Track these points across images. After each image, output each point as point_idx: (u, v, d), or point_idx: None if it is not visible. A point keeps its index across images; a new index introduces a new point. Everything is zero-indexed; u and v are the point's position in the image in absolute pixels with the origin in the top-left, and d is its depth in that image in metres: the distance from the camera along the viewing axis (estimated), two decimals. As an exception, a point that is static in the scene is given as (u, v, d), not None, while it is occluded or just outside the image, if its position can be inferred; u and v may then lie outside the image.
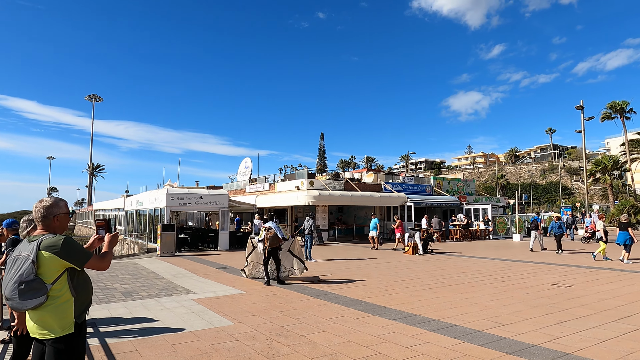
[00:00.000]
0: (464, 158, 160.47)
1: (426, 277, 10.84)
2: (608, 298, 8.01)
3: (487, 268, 12.56)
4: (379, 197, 25.92)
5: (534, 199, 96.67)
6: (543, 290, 8.86)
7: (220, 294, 8.73)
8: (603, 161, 52.30)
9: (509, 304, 7.61)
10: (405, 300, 7.96)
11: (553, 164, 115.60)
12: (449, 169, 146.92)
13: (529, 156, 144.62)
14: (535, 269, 12.17)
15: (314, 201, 23.10)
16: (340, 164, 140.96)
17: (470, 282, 10.10)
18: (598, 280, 10.16)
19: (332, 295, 8.51)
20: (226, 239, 19.72)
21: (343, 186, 26.55)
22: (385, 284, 9.83)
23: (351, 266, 13.31)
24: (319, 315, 6.84)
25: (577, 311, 6.97)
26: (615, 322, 6.28)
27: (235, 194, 31.45)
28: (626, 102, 48.29)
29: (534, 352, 4.92)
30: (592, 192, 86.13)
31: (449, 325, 6.15)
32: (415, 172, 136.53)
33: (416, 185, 30.54)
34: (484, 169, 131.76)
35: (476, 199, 33.11)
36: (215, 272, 12.19)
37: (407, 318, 6.61)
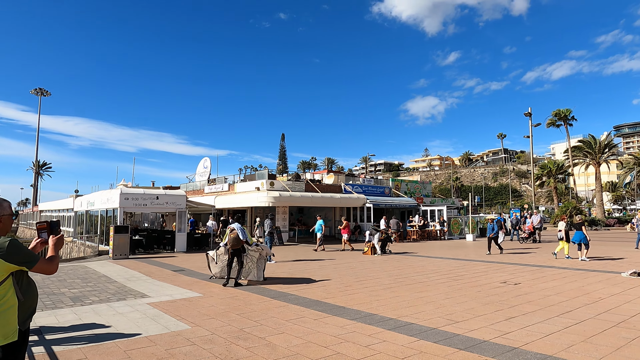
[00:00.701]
0: (422, 161, 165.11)
1: (384, 277, 11.07)
2: (552, 294, 8.51)
3: (442, 267, 12.99)
4: (339, 198, 26.17)
5: (486, 200, 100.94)
6: (494, 288, 9.28)
7: (177, 297, 8.50)
8: (548, 165, 55.48)
9: (462, 301, 7.92)
10: (364, 300, 8.10)
11: (504, 168, 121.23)
12: (407, 171, 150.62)
13: (481, 160, 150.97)
14: (487, 268, 12.73)
15: (275, 202, 22.99)
16: (301, 165, 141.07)
17: (426, 281, 10.41)
18: (543, 277, 10.76)
19: (291, 297, 8.51)
20: (183, 240, 19.22)
21: (304, 187, 26.59)
22: (344, 285, 9.94)
23: (311, 267, 13.36)
24: (279, 317, 6.82)
25: (524, 307, 7.36)
26: (557, 317, 6.68)
27: (193, 195, 30.71)
28: (569, 110, 51.49)
29: (484, 348, 5.15)
30: (539, 194, 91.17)
31: (405, 324, 6.31)
32: (374, 174, 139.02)
33: (375, 186, 31.08)
34: (440, 171, 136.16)
35: (432, 201, 34.15)
36: (172, 274, 11.86)
37: (366, 317, 6.73)
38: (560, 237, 15.38)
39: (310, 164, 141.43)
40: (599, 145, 51.16)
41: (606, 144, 52.09)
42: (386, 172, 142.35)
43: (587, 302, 7.71)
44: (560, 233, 15.38)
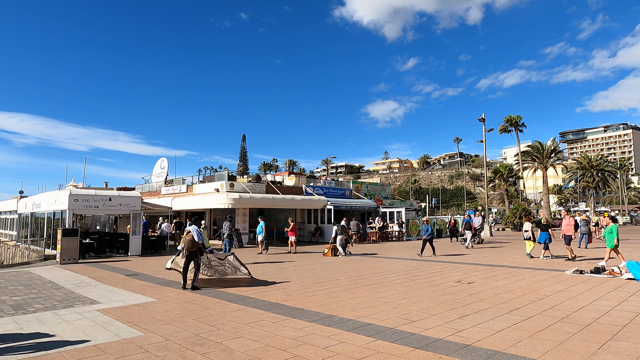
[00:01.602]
0: (382, 163, 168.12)
1: (344, 279, 11.15)
2: (502, 292, 8.89)
3: (400, 268, 13.26)
4: (300, 200, 26.15)
5: (443, 202, 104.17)
6: (449, 287, 9.57)
7: (130, 303, 8.16)
8: (500, 169, 58.10)
9: (419, 301, 8.11)
10: (323, 302, 8.11)
11: (459, 171, 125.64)
12: (368, 173, 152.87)
13: (439, 163, 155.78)
14: (443, 268, 13.12)
15: (234, 204, 22.64)
16: (262, 166, 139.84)
17: (384, 281, 10.58)
18: (495, 276, 11.23)
19: (250, 300, 8.39)
20: (138, 243, 18.52)
21: (264, 189, 26.36)
22: (304, 287, 9.93)
23: (271, 269, 13.24)
24: (237, 321, 6.70)
25: (477, 305, 7.64)
26: (507, 314, 6.98)
27: (149, 196, 29.69)
28: (519, 116, 54.20)
29: (439, 346, 5.29)
30: (491, 196, 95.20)
31: (363, 324, 6.37)
32: (335, 175, 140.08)
33: (336, 188, 31.31)
34: (399, 174, 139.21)
35: (391, 203, 34.83)
36: (125, 279, 11.38)
37: (325, 319, 6.74)
38: (527, 237, 16.01)
39: (272, 165, 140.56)
40: (546, 150, 54.15)
41: (552, 150, 55.23)
42: (347, 174, 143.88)
43: (534, 299, 8.11)
44: (527, 233, 16.05)
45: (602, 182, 60.68)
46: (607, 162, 69.31)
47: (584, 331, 5.87)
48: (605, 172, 61.09)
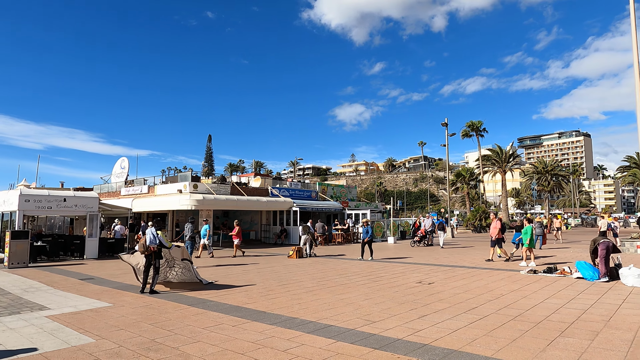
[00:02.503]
0: (348, 166, 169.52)
1: (307, 280, 11.12)
2: (461, 292, 9.13)
3: (363, 269, 13.38)
4: (265, 202, 25.94)
5: (407, 205, 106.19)
6: (410, 288, 9.74)
7: (83, 309, 7.80)
8: (462, 173, 59.85)
9: (380, 302, 8.20)
10: (286, 304, 8.05)
11: (423, 174, 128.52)
12: (334, 175, 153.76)
13: (404, 166, 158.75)
14: (405, 269, 13.34)
15: (198, 205, 22.16)
16: (228, 167, 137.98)
17: (347, 283, 10.64)
18: (454, 277, 11.52)
19: (211, 303, 8.21)
20: (94, 246, 17.78)
21: (229, 190, 25.97)
22: (267, 289, 9.83)
23: (234, 272, 13.04)
24: (195, 325, 6.53)
25: (436, 305, 7.80)
26: (464, 313, 7.17)
27: (108, 197, 28.59)
28: (481, 122, 56.09)
29: (398, 346, 5.35)
30: (454, 199, 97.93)
31: (325, 326, 6.37)
32: (302, 177, 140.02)
33: (302, 190, 31.29)
34: (366, 176, 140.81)
35: (357, 205, 35.17)
36: (79, 283, 10.88)
37: (286, 322, 6.69)
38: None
39: (238, 166, 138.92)
40: (504, 155, 56.30)
41: (511, 154, 57.47)
42: (314, 176, 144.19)
43: (490, 299, 8.38)
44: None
45: (556, 186, 63.71)
46: (561, 167, 72.91)
47: (535, 328, 6.11)
48: (559, 176, 64.21)
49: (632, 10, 19.81)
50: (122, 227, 20.27)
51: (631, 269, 9.81)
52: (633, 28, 19.77)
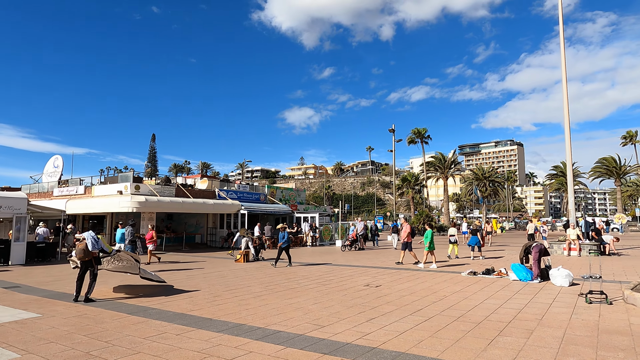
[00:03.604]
0: (297, 169, 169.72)
1: (255, 285, 10.92)
2: (407, 295, 9.36)
3: (312, 273, 13.37)
4: (212, 205, 25.25)
5: (355, 208, 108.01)
6: (358, 291, 9.84)
7: (6, 320, 7.11)
8: (407, 178, 61.83)
9: (329, 305, 8.21)
10: (233, 310, 7.83)
11: (371, 178, 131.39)
12: (284, 178, 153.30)
13: (352, 170, 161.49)
14: (353, 272, 13.49)
15: (140, 207, 21.13)
16: (173, 168, 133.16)
17: (296, 287, 10.57)
18: (400, 279, 11.81)
19: (153, 311, 7.80)
20: (22, 251, 16.36)
21: (174, 192, 25.01)
22: (213, 295, 9.52)
23: (178, 277, 12.52)
24: (136, 335, 6.16)
25: (383, 308, 7.94)
26: (411, 315, 7.35)
27: (39, 198, 26.51)
28: (425, 129, 58.37)
29: (347, 350, 5.36)
30: (399, 203, 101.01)
31: (273, 332, 6.25)
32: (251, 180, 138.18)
33: (251, 193, 30.82)
34: (314, 180, 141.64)
35: (306, 208, 35.21)
36: (2, 292, 9.94)
37: (234, 329, 6.49)
38: (454, 241, 18.36)
39: (184, 167, 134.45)
40: (446, 162, 58.96)
41: (452, 161, 60.28)
42: (263, 179, 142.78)
43: (435, 300, 8.66)
44: (453, 237, 18.38)
45: (493, 191, 67.65)
46: (497, 174, 77.54)
47: (476, 328, 6.38)
48: (496, 182, 68.25)
49: (561, 32, 21.50)
50: (45, 231, 18.76)
51: (559, 270, 10.57)
52: (562, 49, 21.44)
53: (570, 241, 18.77)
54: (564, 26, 21.43)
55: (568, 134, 21.04)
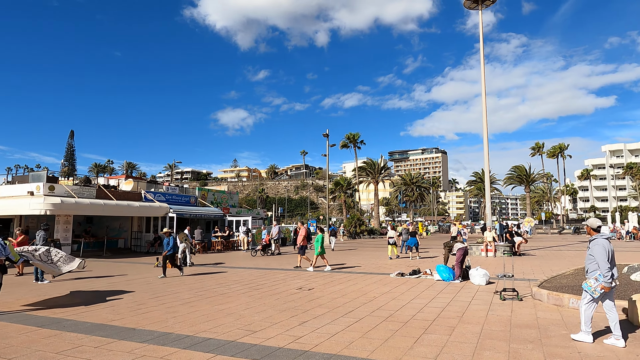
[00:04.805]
0: (230, 171, 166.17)
1: (184, 291, 10.48)
2: (338, 297, 9.52)
3: (244, 277, 13.12)
4: (137, 207, 23.85)
5: (288, 211, 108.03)
6: (290, 295, 9.82)
7: None
8: (340, 182, 63.16)
9: (262, 310, 8.10)
10: (159, 318, 7.44)
11: (304, 182, 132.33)
12: (215, 180, 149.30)
13: (286, 173, 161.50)
14: (285, 276, 13.45)
15: (54, 210, 19.39)
16: (93, 168, 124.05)
17: (227, 292, 10.30)
18: (332, 282, 11.99)
19: (68, 323, 7.17)
20: None
21: (94, 193, 23.27)
22: (137, 303, 8.97)
23: (98, 285, 11.65)
24: (47, 350, 5.62)
25: (316, 311, 7.99)
26: (342, 317, 7.47)
27: None
28: (358, 134, 60.00)
29: (279, 355, 5.31)
30: (332, 207, 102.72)
31: (203, 340, 6.03)
32: (181, 182, 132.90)
33: (180, 195, 29.59)
34: (248, 182, 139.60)
35: (239, 211, 34.55)
36: None
37: (160, 338, 6.16)
38: (393, 242, 19.71)
39: (106, 167, 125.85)
40: (377, 167, 61.13)
41: (382, 167, 62.63)
42: (193, 181, 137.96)
43: (365, 302, 8.90)
44: (392, 239, 19.80)
45: (419, 196, 71.23)
46: (424, 180, 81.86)
47: (404, 327, 6.65)
48: (422, 187, 71.97)
49: (482, 50, 23.28)
50: None
51: (478, 269, 11.37)
52: (482, 65, 23.21)
53: (487, 243, 20.30)
54: (483, 43, 23.22)
55: (486, 144, 22.78)
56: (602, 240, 5.74)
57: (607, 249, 5.61)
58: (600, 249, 5.61)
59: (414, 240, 19.22)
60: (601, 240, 5.73)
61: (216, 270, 15.23)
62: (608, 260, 5.54)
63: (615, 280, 5.65)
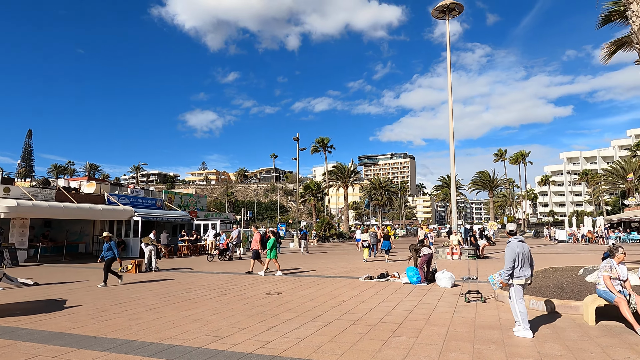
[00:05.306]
0: (198, 174, 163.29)
1: (149, 297, 10.18)
2: (308, 301, 9.51)
3: (211, 282, 12.88)
4: (100, 210, 23.01)
5: (257, 215, 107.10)
6: (259, 300, 9.73)
7: None
8: (310, 186, 63.21)
9: (230, 315, 7.97)
10: (122, 326, 7.19)
11: (274, 185, 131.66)
12: (183, 183, 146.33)
13: (255, 177, 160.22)
14: (254, 280, 13.31)
15: (10, 213, 18.44)
16: (53, 169, 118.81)
17: (194, 297, 10.09)
18: (301, 286, 11.96)
19: (22, 332, 6.82)
20: None
21: (54, 196, 22.31)
22: (98, 310, 8.64)
23: (56, 292, 11.15)
24: (-1, 361, 5.32)
25: (284, 315, 7.95)
26: (311, 321, 7.47)
27: None
28: (328, 139, 60.35)
29: (247, 360, 5.25)
30: (301, 210, 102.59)
31: (168, 347, 5.88)
32: (146, 184, 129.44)
33: (146, 198, 28.78)
34: (216, 185, 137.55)
35: (206, 215, 33.95)
36: None
37: (122, 346, 5.96)
38: (366, 245, 20.68)
39: (67, 169, 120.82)
40: (347, 171, 61.61)
41: (352, 171, 63.16)
42: (160, 184, 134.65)
43: (334, 305, 8.93)
44: (366, 242, 20.79)
45: (388, 200, 72.26)
46: (392, 184, 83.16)
47: (372, 331, 6.71)
48: (391, 192, 73.04)
49: (448, 59, 23.96)
50: None
51: (444, 272, 11.64)
52: (449, 73, 23.86)
53: (453, 246, 20.82)
54: (450, 52, 23.90)
55: (452, 150, 23.41)
56: (514, 242, 6.47)
57: (515, 250, 6.37)
58: (509, 250, 6.40)
59: (387, 244, 19.80)
60: (513, 243, 6.49)
61: (183, 275, 14.89)
62: (513, 260, 6.32)
63: (527, 278, 6.39)
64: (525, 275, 6.35)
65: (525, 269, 6.37)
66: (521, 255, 6.37)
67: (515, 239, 6.52)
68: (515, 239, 6.55)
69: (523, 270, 6.35)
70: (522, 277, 6.36)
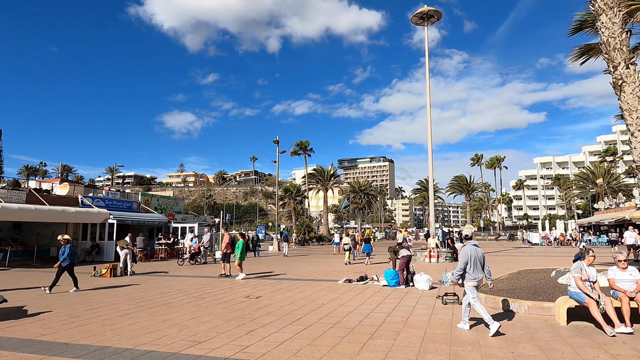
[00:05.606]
0: (176, 176, 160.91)
1: (124, 302, 9.95)
2: (287, 304, 9.47)
3: (189, 286, 12.69)
4: (73, 213, 22.40)
5: (236, 218, 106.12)
6: (238, 303, 9.64)
7: None
8: (290, 189, 63.10)
9: (207, 320, 7.87)
10: (96, 332, 7.01)
11: (254, 188, 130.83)
12: (160, 185, 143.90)
13: (234, 179, 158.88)
14: (232, 284, 13.18)
15: (-24, 215, 17.73)
16: (24, 170, 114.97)
17: (171, 302, 9.92)
18: (281, 289, 11.91)
19: (-10, 339, 6.57)
20: None
21: (24, 198, 21.59)
22: (71, 315, 8.40)
23: (25, 297, 10.78)
24: (-35, 370, 5.11)
25: (263, 319, 7.90)
26: (290, 324, 7.44)
27: None
28: (308, 142, 60.38)
29: (225, 365, 5.19)
30: (281, 213, 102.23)
31: (144, 353, 5.76)
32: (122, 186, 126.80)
33: (122, 200, 28.16)
34: (195, 188, 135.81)
35: (184, 218, 33.45)
36: None
37: (96, 352, 5.80)
38: (348, 249, 20.81)
39: (38, 170, 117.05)
40: (327, 174, 61.75)
41: (332, 174, 63.35)
42: (136, 186, 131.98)
43: (313, 309, 8.92)
44: (347, 245, 20.87)
45: (367, 203, 72.73)
46: (372, 188, 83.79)
47: (351, 333, 6.74)
48: (370, 195, 73.55)
49: (427, 64, 24.34)
50: None
51: (422, 275, 11.79)
52: (427, 78, 24.25)
53: (431, 249, 21.10)
54: (428, 58, 24.30)
55: (430, 154, 23.78)
56: (468, 247, 6.93)
57: (468, 254, 6.82)
58: (462, 253, 6.88)
59: (369, 247, 20.03)
60: (467, 247, 6.94)
61: (159, 279, 14.62)
62: (465, 262, 6.78)
63: (479, 280, 6.85)
64: (477, 278, 6.78)
65: (477, 272, 6.80)
66: (473, 259, 6.82)
67: (470, 243, 6.96)
68: (470, 243, 6.98)
69: (475, 273, 6.78)
70: (474, 279, 6.77)
